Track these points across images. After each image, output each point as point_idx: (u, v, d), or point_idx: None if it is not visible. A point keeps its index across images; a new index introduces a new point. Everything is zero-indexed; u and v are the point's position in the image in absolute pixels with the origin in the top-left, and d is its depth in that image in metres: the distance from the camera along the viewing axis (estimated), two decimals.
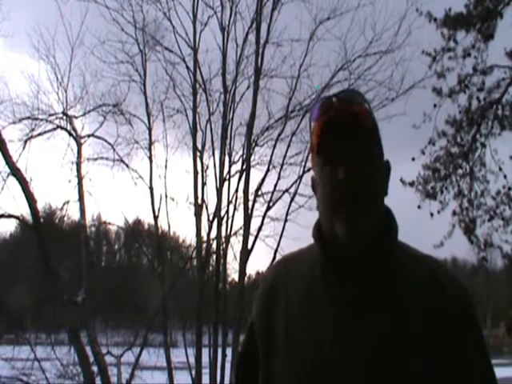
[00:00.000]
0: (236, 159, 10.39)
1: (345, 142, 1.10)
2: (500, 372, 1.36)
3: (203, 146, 10.33)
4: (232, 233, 10.19)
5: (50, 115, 9.97)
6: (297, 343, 1.17)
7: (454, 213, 7.85)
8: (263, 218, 10.09)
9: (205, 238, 10.26)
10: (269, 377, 1.21)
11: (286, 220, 10.09)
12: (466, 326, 1.10)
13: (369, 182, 1.11)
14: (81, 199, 9.55)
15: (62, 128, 9.97)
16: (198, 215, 10.13)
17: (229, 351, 9.67)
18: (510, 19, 7.32)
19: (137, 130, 10.65)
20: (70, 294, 8.71)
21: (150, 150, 10.55)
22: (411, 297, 1.11)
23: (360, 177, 1.09)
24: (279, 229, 10.15)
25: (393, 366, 1.06)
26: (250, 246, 9.86)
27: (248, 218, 9.87)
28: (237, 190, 10.17)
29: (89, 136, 10.21)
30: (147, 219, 13.09)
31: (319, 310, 1.15)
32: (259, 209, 10.17)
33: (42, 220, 9.02)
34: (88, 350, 8.63)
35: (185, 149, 10.81)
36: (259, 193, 10.19)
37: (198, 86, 10.33)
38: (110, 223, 11.88)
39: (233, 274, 10.75)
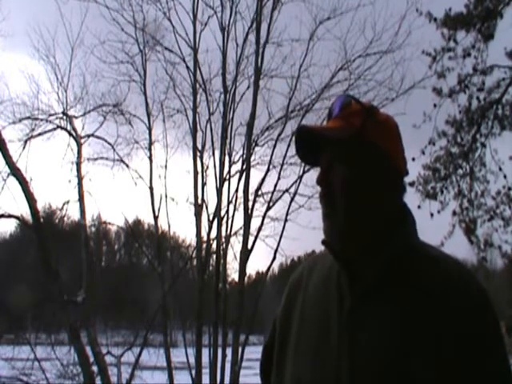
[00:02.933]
0: (236, 159, 10.41)
1: (320, 149, 1.19)
2: None
3: (203, 146, 10.34)
4: (232, 233, 10.20)
5: (50, 115, 9.99)
6: (305, 336, 1.19)
7: (454, 213, 7.83)
8: (263, 218, 10.11)
9: (205, 238, 10.27)
10: (280, 369, 1.24)
11: (285, 220, 10.10)
12: (478, 328, 1.06)
13: (343, 183, 1.15)
14: (81, 199, 9.55)
15: (62, 128, 9.98)
16: (198, 215, 10.13)
17: (229, 351, 9.67)
18: (510, 19, 7.32)
19: (137, 130, 10.68)
20: (69, 294, 8.71)
21: (150, 149, 10.57)
22: (420, 297, 1.08)
23: (338, 179, 1.15)
24: (279, 229, 10.18)
25: (392, 366, 1.05)
26: (250, 246, 9.86)
27: (248, 218, 9.87)
28: (237, 190, 10.18)
29: (89, 136, 10.22)
30: (147, 219, 13.12)
31: (329, 306, 1.17)
32: (259, 209, 10.20)
33: (42, 220, 9.01)
34: (88, 349, 8.63)
35: (185, 149, 10.83)
36: (259, 193, 10.21)
37: (198, 86, 10.33)
38: (110, 223, 11.89)
39: (233, 274, 10.77)
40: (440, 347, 1.04)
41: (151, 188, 10.42)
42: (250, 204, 9.94)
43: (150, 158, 10.52)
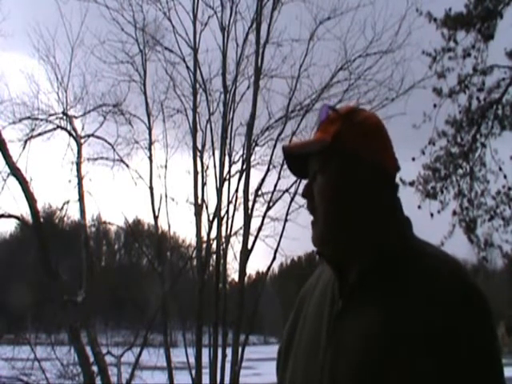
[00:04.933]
0: (236, 159, 10.40)
1: (302, 160, 1.23)
2: None
3: (203, 146, 10.33)
4: (232, 233, 10.20)
5: (50, 115, 9.98)
6: (301, 343, 1.22)
7: (455, 213, 7.84)
8: (263, 218, 10.11)
9: (205, 238, 10.27)
10: (283, 374, 1.26)
11: (285, 220, 10.10)
12: (464, 326, 1.03)
13: (321, 192, 1.19)
14: (81, 199, 9.55)
15: (62, 128, 9.97)
16: (198, 215, 10.13)
17: (229, 351, 9.67)
18: (510, 19, 7.32)
19: (137, 130, 10.67)
20: (70, 294, 8.71)
21: (150, 149, 10.56)
22: (405, 297, 1.07)
23: (316, 190, 1.20)
24: (279, 229, 10.18)
25: (372, 369, 1.04)
26: (250, 246, 9.86)
27: (248, 218, 9.87)
28: (237, 190, 10.18)
29: (89, 136, 10.21)
30: (147, 219, 13.12)
31: (324, 312, 1.19)
32: (259, 209, 10.19)
33: (42, 220, 9.02)
34: (88, 350, 8.63)
35: (185, 149, 10.83)
36: (259, 193, 10.20)
37: (198, 85, 10.33)
38: (110, 223, 11.90)
39: (233, 274, 10.77)
40: (422, 346, 1.03)
41: (151, 188, 10.43)
42: (250, 204, 9.95)
43: (150, 158, 10.53)
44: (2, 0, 9.76)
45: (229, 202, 10.20)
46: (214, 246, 10.41)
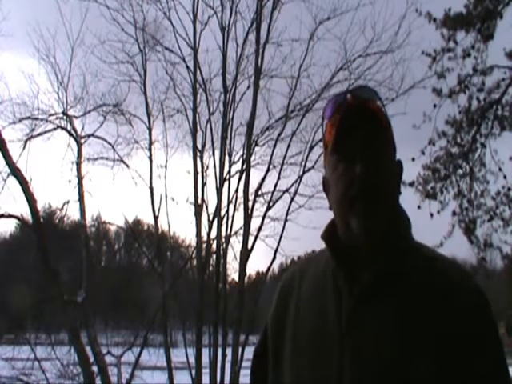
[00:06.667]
0: (236, 159, 10.42)
1: (360, 138, 1.11)
2: None
3: (203, 146, 10.35)
4: (232, 233, 10.20)
5: (50, 115, 9.98)
6: (302, 337, 1.18)
7: (454, 213, 7.84)
8: (263, 218, 10.11)
9: (205, 238, 10.27)
10: (277, 375, 1.22)
11: (285, 220, 10.11)
12: (478, 328, 1.06)
13: (384, 179, 1.11)
14: (81, 199, 9.56)
15: (62, 128, 9.97)
16: (198, 215, 10.14)
17: (229, 351, 9.67)
18: (510, 19, 7.32)
19: (137, 130, 10.67)
20: (70, 294, 8.71)
21: (150, 149, 10.57)
22: (420, 297, 1.08)
23: (376, 173, 1.10)
24: (279, 229, 10.19)
25: (394, 366, 1.05)
26: (250, 246, 9.87)
27: (248, 218, 9.87)
28: (237, 190, 10.19)
29: (89, 136, 10.21)
30: (147, 219, 13.13)
31: (327, 306, 1.15)
32: (259, 209, 10.21)
33: (42, 220, 9.02)
34: (88, 349, 8.63)
35: (185, 149, 10.83)
36: (259, 193, 10.21)
37: (198, 85, 10.34)
38: (110, 223, 11.91)
39: (233, 274, 10.77)
40: (440, 347, 1.04)
41: (151, 188, 10.43)
42: (250, 204, 9.96)
43: (150, 157, 10.54)
44: (2, 0, 9.73)
45: (229, 202, 10.21)
46: (214, 246, 10.44)
